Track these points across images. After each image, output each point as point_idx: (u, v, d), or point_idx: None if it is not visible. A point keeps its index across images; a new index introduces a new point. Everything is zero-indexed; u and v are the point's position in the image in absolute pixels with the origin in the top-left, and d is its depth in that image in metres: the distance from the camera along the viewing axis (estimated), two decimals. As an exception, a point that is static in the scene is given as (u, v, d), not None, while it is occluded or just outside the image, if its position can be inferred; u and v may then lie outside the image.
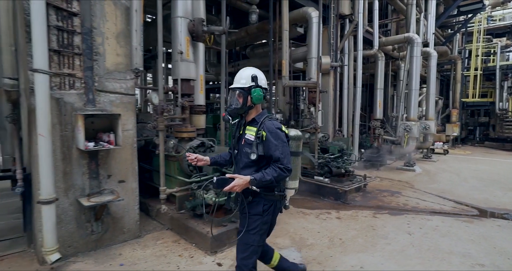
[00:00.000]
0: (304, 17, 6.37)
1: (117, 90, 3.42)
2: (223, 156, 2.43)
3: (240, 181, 1.95)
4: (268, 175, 1.99)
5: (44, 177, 2.78)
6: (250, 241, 2.15)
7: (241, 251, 2.18)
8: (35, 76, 2.70)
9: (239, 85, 2.14)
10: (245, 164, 2.16)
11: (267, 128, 2.06)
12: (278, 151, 2.01)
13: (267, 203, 2.15)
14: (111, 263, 3.13)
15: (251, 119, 2.20)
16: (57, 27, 2.97)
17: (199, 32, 3.85)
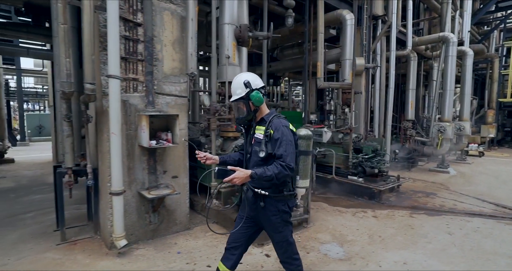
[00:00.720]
0: (338, 20, 6.46)
1: (172, 92, 3.73)
2: (232, 156, 2.43)
3: (241, 173, 1.90)
4: (269, 171, 1.95)
5: (115, 171, 3.12)
6: (280, 238, 2.22)
7: (279, 248, 2.28)
8: (110, 81, 3.04)
9: (237, 96, 2.17)
10: (255, 163, 2.17)
11: (275, 126, 2.09)
12: (282, 148, 2.01)
13: (280, 203, 2.14)
14: (169, 250, 3.44)
15: (259, 119, 2.23)
16: (125, 37, 3.31)
17: (245, 38, 4.09)
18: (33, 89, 17.24)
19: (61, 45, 2.88)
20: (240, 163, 2.34)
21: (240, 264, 3.17)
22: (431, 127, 8.31)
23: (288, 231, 2.26)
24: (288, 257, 2.29)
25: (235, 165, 2.24)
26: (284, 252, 2.27)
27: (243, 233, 2.27)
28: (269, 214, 2.14)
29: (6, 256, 3.21)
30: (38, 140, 15.44)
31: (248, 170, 1.93)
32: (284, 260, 2.30)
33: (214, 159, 2.28)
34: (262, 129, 2.14)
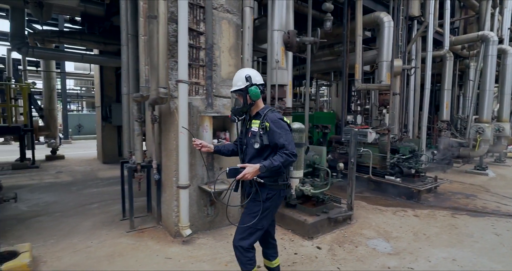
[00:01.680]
0: (375, 22, 6.56)
1: (228, 95, 4.03)
2: (226, 147, 2.56)
3: (251, 169, 2.04)
4: (275, 161, 2.08)
5: (182, 167, 3.46)
6: (246, 221, 2.25)
7: (239, 233, 2.31)
8: (179, 85, 3.38)
9: (236, 87, 2.32)
10: (251, 155, 2.30)
11: (270, 119, 2.20)
12: (282, 138, 2.13)
13: (271, 192, 2.25)
14: (227, 240, 3.74)
15: (255, 113, 2.34)
16: (190, 45, 3.65)
17: (293, 43, 4.33)
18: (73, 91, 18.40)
19: (141, 54, 3.25)
20: (234, 154, 2.53)
21: (295, 254, 3.44)
22: (468, 128, 8.18)
23: (260, 222, 2.26)
24: (241, 246, 2.28)
25: (228, 155, 2.56)
26: (243, 238, 2.28)
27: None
28: (256, 198, 2.24)
29: (88, 239, 3.64)
30: (78, 138, 16.48)
31: (256, 164, 2.06)
32: (236, 245, 2.30)
33: (209, 147, 2.43)
34: (257, 122, 2.27)
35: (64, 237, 3.73)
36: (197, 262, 3.18)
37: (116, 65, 8.25)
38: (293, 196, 3.75)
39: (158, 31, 3.26)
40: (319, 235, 3.93)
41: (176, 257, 3.27)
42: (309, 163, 4.23)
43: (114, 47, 8.22)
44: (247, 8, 3.91)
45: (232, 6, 3.99)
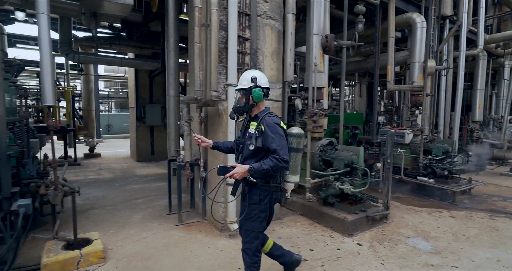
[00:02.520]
0: (407, 22, 6.56)
1: (271, 97, 4.23)
2: (225, 144, 2.65)
3: (240, 169, 2.12)
4: (265, 164, 2.14)
5: (231, 165, 3.69)
6: (250, 227, 2.36)
7: (244, 236, 2.41)
8: (229, 89, 3.62)
9: (241, 86, 2.38)
10: (246, 156, 2.37)
11: (266, 123, 2.25)
12: (275, 143, 2.18)
13: (263, 193, 2.31)
14: (270, 235, 3.90)
15: (254, 115, 2.40)
16: (237, 50, 3.88)
17: (331, 47, 4.47)
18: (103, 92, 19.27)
19: (196, 61, 3.51)
20: (232, 151, 2.61)
21: (338, 250, 3.59)
22: (503, 129, 7.98)
23: (260, 224, 2.37)
24: (248, 248, 2.39)
25: (226, 152, 2.67)
26: (248, 241, 2.38)
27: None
28: (250, 201, 2.33)
29: (143, 231, 3.95)
30: (107, 137, 17.25)
31: (246, 165, 2.14)
32: (243, 249, 2.42)
33: (208, 143, 2.53)
34: (254, 124, 2.33)
35: (121, 228, 4.06)
36: (247, 254, 3.40)
37: (151, 68, 8.68)
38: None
39: (210, 39, 3.51)
40: (358, 232, 4.06)
41: (226, 249, 3.51)
42: (347, 163, 4.36)
43: (148, 51, 8.66)
44: (290, 15, 4.10)
45: (274, 12, 4.19)
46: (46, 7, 3.14)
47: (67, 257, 2.88)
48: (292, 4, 4.08)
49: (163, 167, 8.76)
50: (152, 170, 8.21)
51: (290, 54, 4.14)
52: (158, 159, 9.66)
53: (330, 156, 4.60)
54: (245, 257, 2.40)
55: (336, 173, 4.28)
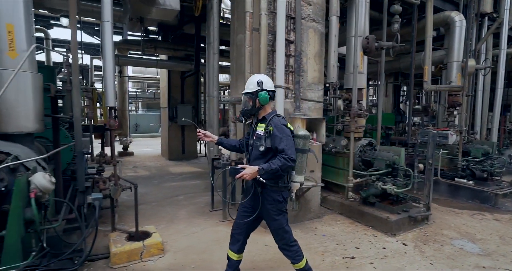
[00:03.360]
0: (445, 21, 6.44)
1: (313, 98, 4.33)
2: (229, 142, 2.71)
3: (249, 170, 2.19)
4: (273, 164, 2.21)
5: (278, 164, 3.82)
6: (276, 226, 2.47)
7: (276, 235, 2.54)
8: (277, 90, 3.73)
9: (247, 90, 2.44)
10: (255, 156, 2.43)
11: (274, 124, 2.33)
12: (283, 143, 2.26)
13: (273, 194, 2.39)
14: (314, 233, 4.05)
15: (261, 117, 2.48)
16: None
17: (373, 48, 4.50)
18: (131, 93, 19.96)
19: (247, 63, 3.67)
20: (235, 149, 2.70)
21: (383, 249, 3.64)
22: (545, 130, 7.65)
23: (284, 219, 2.47)
24: (285, 244, 2.51)
25: (230, 149, 2.73)
26: (281, 239, 2.51)
27: (243, 221, 2.56)
28: (265, 202, 2.39)
29: (191, 226, 4.16)
30: (135, 136, 17.85)
31: (255, 167, 2.21)
32: (282, 246, 2.54)
33: (212, 138, 2.61)
34: (263, 126, 2.40)
35: (170, 223, 4.29)
36: (295, 250, 3.51)
37: (184, 69, 8.96)
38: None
39: (260, 42, 3.64)
40: (401, 232, 4.08)
41: (274, 244, 3.61)
42: (389, 163, 4.38)
43: (181, 53, 8.94)
44: (334, 17, 4.17)
45: (317, 15, 4.28)
46: (110, 16, 3.39)
47: (132, 248, 3.11)
48: (336, 7, 4.15)
49: (194, 165, 9.04)
50: (185, 169, 8.49)
51: (334, 56, 4.22)
52: (189, 158, 9.96)
53: (371, 156, 4.63)
54: (286, 253, 2.53)
55: (378, 173, 4.32)
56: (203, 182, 6.82)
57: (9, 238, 1.98)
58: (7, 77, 2.54)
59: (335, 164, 5.06)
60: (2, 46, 2.56)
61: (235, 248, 2.62)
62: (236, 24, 4.57)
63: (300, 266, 2.55)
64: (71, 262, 2.72)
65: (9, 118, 2.60)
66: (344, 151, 4.81)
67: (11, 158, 2.37)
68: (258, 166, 2.22)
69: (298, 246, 2.56)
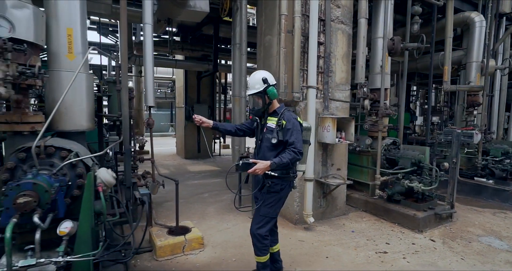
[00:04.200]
0: (464, 22, 6.50)
1: (340, 98, 4.44)
2: (224, 126, 2.76)
3: (261, 165, 2.23)
4: (284, 158, 2.28)
5: (309, 162, 3.94)
6: (265, 213, 2.50)
7: (256, 222, 2.53)
8: (309, 90, 3.87)
9: (255, 90, 2.48)
10: (266, 149, 2.49)
11: (286, 118, 2.43)
12: (293, 136, 2.36)
13: (284, 183, 2.47)
14: (343, 229, 4.16)
15: (272, 111, 2.55)
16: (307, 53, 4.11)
17: (398, 49, 4.59)
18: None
19: (282, 65, 3.79)
20: (230, 134, 2.77)
21: (413, 244, 3.74)
22: None
23: (274, 211, 2.52)
24: (259, 235, 2.49)
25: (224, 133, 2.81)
26: (259, 227, 2.50)
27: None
28: (271, 190, 2.45)
29: (223, 222, 4.29)
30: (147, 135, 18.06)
31: (267, 161, 2.26)
32: (255, 233, 2.51)
33: (207, 123, 2.63)
34: (274, 120, 2.48)
35: (201, 219, 4.43)
36: (328, 245, 3.63)
37: (201, 69, 9.12)
38: (397, 194, 3.89)
39: (293, 44, 3.76)
40: (427, 229, 4.18)
41: (307, 240, 3.76)
42: (414, 162, 4.48)
43: (198, 53, 9.08)
44: (363, 19, 4.27)
45: (345, 17, 4.38)
46: (151, 18, 3.53)
47: (175, 241, 3.25)
48: (365, 9, 4.25)
49: (211, 164, 9.19)
50: (203, 167, 8.64)
51: (362, 57, 4.32)
52: (204, 157, 10.11)
53: (396, 155, 4.73)
54: (255, 242, 2.55)
55: (404, 171, 4.42)
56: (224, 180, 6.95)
57: (82, 228, 2.13)
58: (65, 78, 2.70)
59: (358, 162, 5.16)
60: (62, 48, 2.71)
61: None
62: (264, 25, 4.68)
63: (261, 259, 2.59)
64: (119, 254, 2.87)
65: (67, 117, 2.75)
66: (368, 150, 4.92)
67: (73, 154, 2.51)
68: (270, 161, 2.28)
69: (268, 241, 2.59)
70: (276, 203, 2.52)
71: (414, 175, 4.44)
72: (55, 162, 2.49)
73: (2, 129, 2.38)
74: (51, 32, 2.68)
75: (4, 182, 2.29)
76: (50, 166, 2.46)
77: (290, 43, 3.81)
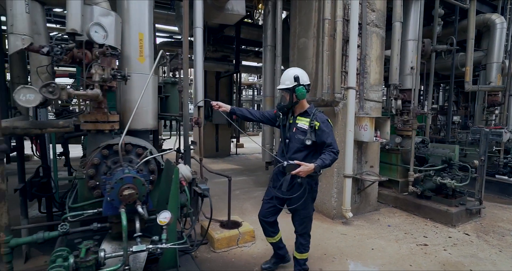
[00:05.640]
0: (484, 23, 6.68)
1: (374, 99, 4.62)
2: (242, 111, 2.79)
3: (306, 168, 2.25)
4: (326, 160, 2.30)
5: (349, 159, 4.13)
6: (306, 214, 2.60)
7: (301, 224, 2.64)
8: (349, 91, 4.05)
9: (284, 86, 2.47)
10: (297, 149, 2.46)
11: (320, 119, 2.41)
12: (330, 137, 2.38)
13: (312, 181, 2.50)
14: (378, 224, 4.35)
15: (303, 111, 2.52)
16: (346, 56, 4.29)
17: (428, 51, 4.78)
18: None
19: (325, 66, 3.98)
20: (246, 119, 2.82)
21: (449, 238, 3.93)
22: None
23: (311, 209, 2.62)
24: (305, 233, 2.66)
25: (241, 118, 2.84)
26: (304, 227, 2.65)
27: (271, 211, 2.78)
28: (304, 191, 2.42)
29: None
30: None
31: (311, 164, 2.26)
32: (302, 234, 2.67)
33: (225, 107, 2.72)
34: (306, 120, 2.45)
35: (242, 214, 4.62)
36: (370, 238, 3.82)
37: (221, 70, 9.33)
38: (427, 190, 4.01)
39: (335, 47, 3.95)
40: (460, 224, 4.36)
41: (349, 233, 3.95)
42: (445, 159, 4.66)
43: (218, 54, 9.26)
44: (397, 23, 4.45)
45: (379, 21, 4.56)
46: (201, 22, 3.72)
47: (231, 234, 3.44)
48: (400, 13, 4.43)
49: (231, 163, 9.38)
50: (224, 166, 8.83)
51: (396, 59, 4.50)
52: (222, 156, 10.31)
53: (426, 153, 4.91)
54: (302, 241, 2.68)
55: (435, 168, 4.60)
56: (249, 178, 7.16)
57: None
58: (136, 80, 2.89)
59: (387, 160, 5.35)
60: (133, 52, 2.90)
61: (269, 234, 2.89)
62: (298, 28, 4.87)
63: (305, 256, 2.74)
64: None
65: (137, 116, 2.93)
66: (398, 148, 5.11)
67: (148, 152, 2.70)
68: (314, 164, 2.28)
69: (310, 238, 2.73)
70: (312, 201, 2.60)
71: (445, 172, 4.62)
72: (133, 159, 2.68)
73: (88, 127, 2.57)
74: (124, 37, 2.87)
75: (90, 177, 2.49)
76: (129, 162, 2.65)
77: (331, 46, 3.99)
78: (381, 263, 3.19)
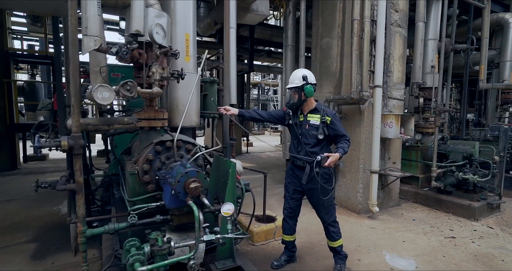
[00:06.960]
0: (498, 22, 6.81)
1: (396, 97, 4.75)
2: (250, 113, 2.88)
3: (334, 158, 2.41)
4: (345, 148, 2.51)
5: (375, 156, 4.25)
6: (329, 203, 2.72)
7: (326, 213, 2.75)
8: (376, 89, 4.17)
9: (293, 85, 2.63)
10: (313, 144, 2.63)
11: (330, 114, 2.62)
12: (342, 128, 2.62)
13: (329, 171, 2.65)
14: (403, 218, 4.47)
15: (313, 108, 2.69)
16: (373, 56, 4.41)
17: (448, 50, 4.91)
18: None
19: (354, 66, 4.10)
20: (255, 120, 2.93)
21: (475, 231, 4.06)
22: None
23: (332, 196, 2.73)
24: (333, 221, 2.77)
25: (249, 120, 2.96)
26: (330, 216, 2.76)
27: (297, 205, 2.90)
28: (323, 180, 2.58)
29: (292, 212, 4.60)
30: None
31: (336, 154, 2.44)
32: (330, 223, 2.77)
33: (233, 111, 2.76)
34: (317, 116, 2.63)
35: (269, 210, 4.70)
36: (399, 231, 3.95)
37: (234, 70, 9.41)
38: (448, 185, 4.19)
39: (363, 47, 4.07)
40: (482, 218, 4.50)
41: (377, 227, 4.08)
42: (466, 155, 4.80)
43: (231, 54, 9.37)
44: (421, 23, 4.58)
45: (402, 21, 4.68)
46: (235, 22, 3.83)
47: (268, 228, 3.57)
48: (423, 13, 4.56)
49: (243, 161, 9.47)
50: (238, 163, 8.92)
51: (419, 58, 4.63)
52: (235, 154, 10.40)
53: (446, 149, 5.05)
54: (332, 229, 2.78)
55: (457, 164, 4.74)
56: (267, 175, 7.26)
57: (225, 211, 2.42)
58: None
59: (407, 156, 5.48)
60: (181, 52, 3.00)
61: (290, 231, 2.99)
62: (321, 28, 4.99)
63: (339, 242, 2.83)
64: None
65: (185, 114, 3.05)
66: (418, 144, 5.24)
67: (197, 148, 2.81)
68: (338, 153, 2.46)
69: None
70: (333, 189, 2.70)
71: (467, 168, 4.76)
72: (184, 154, 2.79)
73: (142, 124, 2.68)
74: (171, 37, 2.98)
75: (145, 172, 2.61)
76: (180, 157, 2.76)
77: (360, 46, 4.11)
78: (415, 254, 3.32)
